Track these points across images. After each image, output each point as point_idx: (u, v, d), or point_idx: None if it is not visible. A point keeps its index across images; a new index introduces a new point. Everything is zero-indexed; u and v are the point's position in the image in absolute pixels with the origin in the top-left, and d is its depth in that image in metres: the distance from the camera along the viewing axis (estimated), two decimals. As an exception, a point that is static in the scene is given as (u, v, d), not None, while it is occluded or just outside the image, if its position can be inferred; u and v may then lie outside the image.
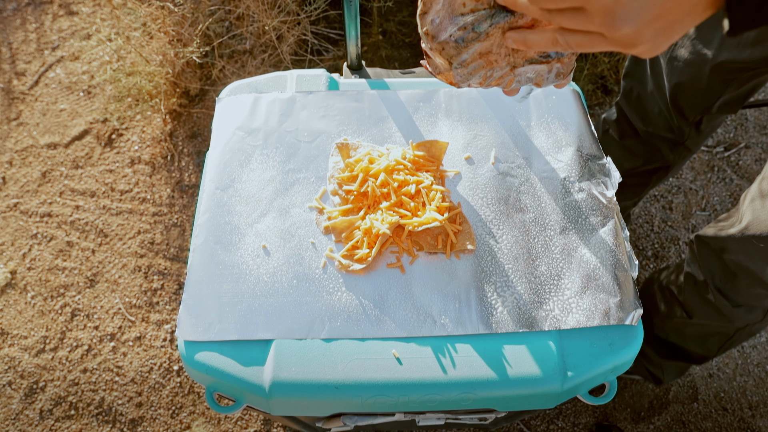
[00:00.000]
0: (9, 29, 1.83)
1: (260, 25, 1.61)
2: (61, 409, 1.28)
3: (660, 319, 1.09)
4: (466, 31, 0.50)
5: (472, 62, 0.52)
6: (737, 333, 1.00)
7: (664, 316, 1.08)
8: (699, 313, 1.00)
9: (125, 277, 1.42)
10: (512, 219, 0.76)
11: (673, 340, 1.11)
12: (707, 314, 0.98)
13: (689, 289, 0.99)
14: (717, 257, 0.90)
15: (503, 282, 0.71)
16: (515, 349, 0.67)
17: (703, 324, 1.01)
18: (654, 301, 1.11)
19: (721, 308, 0.94)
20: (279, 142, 0.83)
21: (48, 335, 1.36)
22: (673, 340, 1.11)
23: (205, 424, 1.27)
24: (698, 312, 1.00)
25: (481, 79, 0.54)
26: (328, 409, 0.70)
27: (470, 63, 0.51)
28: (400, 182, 0.76)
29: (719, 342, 1.04)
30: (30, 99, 1.70)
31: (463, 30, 0.49)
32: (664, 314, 1.08)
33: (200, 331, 0.68)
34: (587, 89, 1.67)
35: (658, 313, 1.09)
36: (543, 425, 1.27)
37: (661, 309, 1.08)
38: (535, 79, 0.55)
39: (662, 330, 1.11)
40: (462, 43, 0.50)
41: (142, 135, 1.62)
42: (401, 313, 0.69)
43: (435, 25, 0.50)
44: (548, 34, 0.45)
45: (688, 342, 1.08)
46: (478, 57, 0.52)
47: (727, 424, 1.28)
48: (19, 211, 1.52)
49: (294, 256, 0.73)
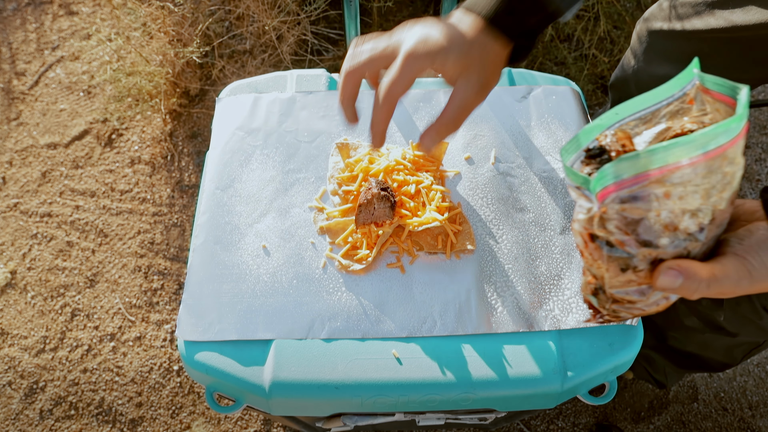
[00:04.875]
0: (9, 29, 1.83)
1: (260, 25, 1.61)
2: (61, 409, 1.28)
3: (681, 333, 1.06)
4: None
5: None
6: (766, 342, 0.98)
7: (687, 330, 1.04)
8: (743, 332, 0.96)
9: (125, 277, 1.42)
10: (512, 219, 0.76)
11: (692, 350, 1.08)
12: (748, 331, 0.96)
13: (732, 310, 0.95)
14: None
15: (503, 282, 0.71)
16: (515, 349, 0.67)
17: (738, 339, 0.99)
18: (671, 316, 1.06)
19: (767, 327, 0.91)
20: (279, 142, 0.83)
21: (48, 335, 1.36)
22: (692, 350, 1.08)
23: (205, 424, 1.27)
24: (742, 331, 0.96)
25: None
26: (328, 409, 0.69)
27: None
28: (400, 182, 0.76)
29: (745, 350, 1.01)
30: (30, 99, 1.70)
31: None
32: (687, 328, 1.04)
33: (200, 331, 0.68)
34: (587, 89, 1.67)
35: (678, 328, 1.06)
36: (543, 425, 1.27)
37: (685, 324, 1.04)
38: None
39: (681, 342, 1.08)
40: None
41: (142, 135, 1.62)
42: (401, 313, 0.69)
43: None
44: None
45: (711, 352, 1.05)
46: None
47: (727, 424, 1.28)
48: (19, 211, 1.52)
49: (294, 256, 0.73)
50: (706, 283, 0.41)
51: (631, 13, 1.70)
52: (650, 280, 0.43)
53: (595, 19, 1.69)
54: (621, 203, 0.39)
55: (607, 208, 0.39)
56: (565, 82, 0.89)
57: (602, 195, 0.39)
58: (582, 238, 0.43)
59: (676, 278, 0.41)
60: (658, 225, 0.40)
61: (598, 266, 0.43)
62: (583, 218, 0.42)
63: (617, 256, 0.42)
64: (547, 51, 1.72)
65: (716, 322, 0.99)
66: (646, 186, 0.38)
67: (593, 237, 0.42)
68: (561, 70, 1.70)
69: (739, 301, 0.93)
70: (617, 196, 0.38)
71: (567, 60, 1.69)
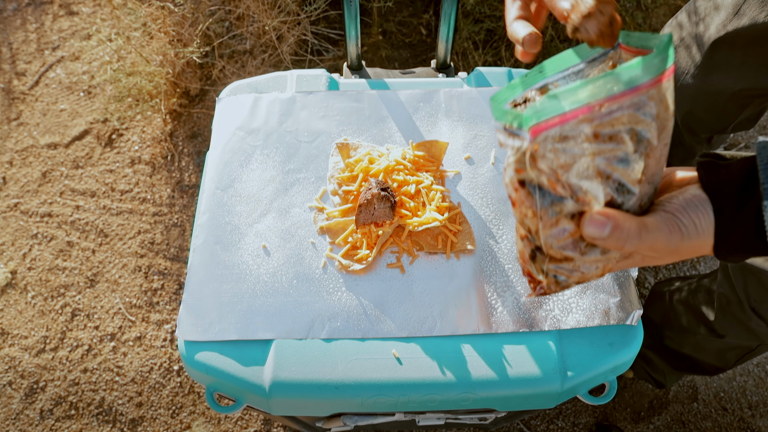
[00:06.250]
0: (9, 29, 1.83)
1: (260, 25, 1.61)
2: (62, 409, 1.28)
3: (676, 332, 1.07)
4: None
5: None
6: (759, 347, 0.98)
7: (682, 330, 1.05)
8: (731, 333, 0.97)
9: (125, 277, 1.42)
10: (512, 219, 0.76)
11: (686, 352, 1.08)
12: (738, 334, 0.96)
13: (721, 310, 0.96)
14: (754, 277, 0.86)
15: (503, 282, 0.71)
16: (515, 349, 0.67)
17: (728, 341, 0.99)
18: (668, 315, 1.07)
19: (756, 329, 0.91)
20: (279, 142, 0.83)
21: (48, 335, 1.36)
22: (686, 352, 1.08)
23: (205, 424, 1.27)
24: (730, 332, 0.97)
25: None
26: (328, 409, 0.70)
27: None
28: (400, 182, 0.76)
29: (738, 355, 1.01)
30: (30, 99, 1.70)
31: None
32: (682, 329, 1.05)
33: (200, 331, 0.68)
34: (587, 89, 1.67)
35: (674, 327, 1.07)
36: (543, 425, 1.27)
37: (681, 324, 1.05)
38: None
39: (676, 342, 1.08)
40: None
41: (142, 135, 1.62)
42: (401, 313, 0.69)
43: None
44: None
45: (704, 355, 1.06)
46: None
47: (727, 424, 1.28)
48: (19, 211, 1.52)
49: (294, 256, 0.73)
50: (636, 232, 0.40)
51: (631, 13, 1.70)
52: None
53: (595, 19, 1.68)
54: (553, 142, 0.38)
55: (539, 145, 0.39)
56: (565, 82, 0.89)
57: (535, 131, 0.38)
58: (512, 185, 0.43)
59: (603, 226, 0.39)
60: (591, 170, 0.39)
61: (532, 215, 0.42)
62: (513, 159, 0.41)
63: (550, 202, 0.41)
64: (547, 51, 1.72)
65: (708, 322, 0.99)
66: (576, 124, 0.38)
67: (522, 183, 0.42)
68: (561, 70, 1.70)
69: (729, 302, 0.93)
70: (549, 134, 0.38)
71: (567, 60, 1.69)
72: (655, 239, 0.40)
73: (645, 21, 1.71)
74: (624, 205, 0.41)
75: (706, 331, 1.00)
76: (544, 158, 0.39)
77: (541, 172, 0.40)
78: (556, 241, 0.43)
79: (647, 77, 0.38)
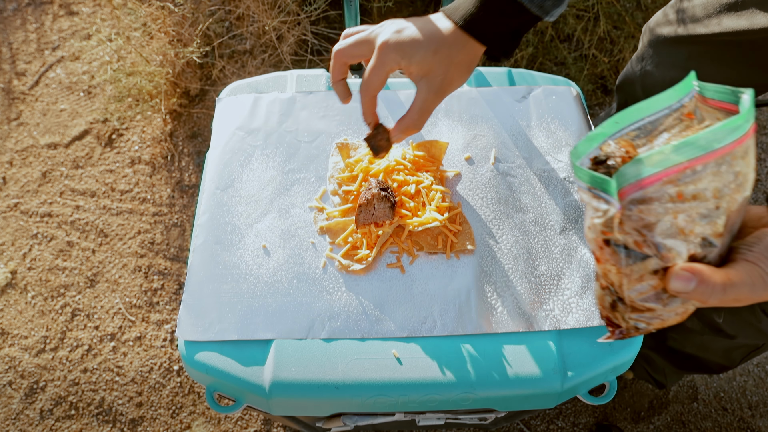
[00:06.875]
0: (9, 29, 1.83)
1: (260, 25, 1.61)
2: (62, 409, 1.28)
3: (680, 333, 1.06)
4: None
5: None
6: (765, 345, 0.98)
7: (686, 331, 1.05)
8: (742, 334, 0.97)
9: (125, 277, 1.42)
10: (512, 219, 0.76)
11: (690, 351, 1.08)
12: (747, 334, 0.96)
13: (731, 313, 0.96)
14: None
15: (503, 282, 0.71)
16: (515, 349, 0.67)
17: (737, 341, 0.99)
18: None
19: (766, 330, 0.92)
20: (279, 142, 0.83)
21: (48, 335, 1.36)
22: (690, 351, 1.08)
23: (205, 424, 1.27)
24: (741, 333, 0.97)
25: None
26: (328, 409, 0.70)
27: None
28: (400, 182, 0.76)
29: (744, 353, 1.01)
30: (30, 99, 1.71)
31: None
32: (686, 329, 1.04)
33: (200, 331, 0.68)
34: (587, 89, 1.67)
35: (678, 329, 1.05)
36: (543, 425, 1.27)
37: (685, 324, 1.04)
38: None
39: (679, 343, 1.08)
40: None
41: (142, 135, 1.63)
42: (401, 313, 0.69)
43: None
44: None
45: (710, 354, 1.06)
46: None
47: (727, 424, 1.28)
48: (19, 211, 1.52)
49: (294, 256, 0.73)
50: (721, 287, 0.40)
51: (631, 13, 1.70)
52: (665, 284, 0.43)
53: (595, 19, 1.69)
54: (639, 204, 0.39)
55: (625, 208, 0.39)
56: (564, 82, 0.89)
57: (622, 194, 0.39)
58: (596, 243, 0.43)
59: (689, 281, 0.40)
60: (674, 228, 0.40)
61: (617, 271, 0.43)
62: (600, 221, 0.42)
63: (634, 260, 0.42)
64: (547, 51, 1.72)
65: (715, 324, 0.99)
66: (661, 186, 0.38)
67: (607, 242, 0.42)
68: (561, 70, 1.70)
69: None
70: (635, 197, 0.39)
71: (567, 60, 1.69)
72: (739, 292, 0.41)
73: (645, 21, 1.71)
74: (706, 258, 0.42)
75: (711, 332, 1.00)
76: (629, 220, 0.40)
77: (628, 233, 0.41)
78: (638, 295, 0.44)
79: (732, 138, 0.38)
